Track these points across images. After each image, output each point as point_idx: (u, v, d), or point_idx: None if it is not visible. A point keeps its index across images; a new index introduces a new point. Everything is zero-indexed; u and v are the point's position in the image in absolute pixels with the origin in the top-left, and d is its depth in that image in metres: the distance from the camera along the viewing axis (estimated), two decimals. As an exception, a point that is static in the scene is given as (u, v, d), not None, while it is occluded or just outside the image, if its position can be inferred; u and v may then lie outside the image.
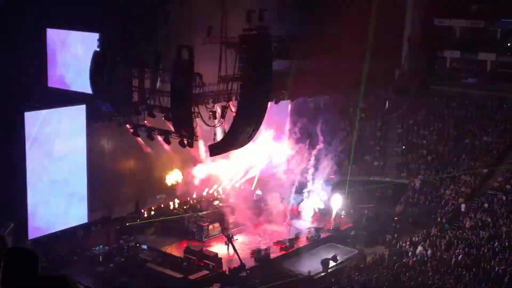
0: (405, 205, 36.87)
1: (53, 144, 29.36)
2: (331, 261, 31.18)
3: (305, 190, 36.65)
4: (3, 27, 28.33)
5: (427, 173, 38.33)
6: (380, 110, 39.72)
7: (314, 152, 37.14)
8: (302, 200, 36.48)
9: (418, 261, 29.40)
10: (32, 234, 29.14)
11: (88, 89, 29.68)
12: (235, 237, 31.51)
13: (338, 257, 31.61)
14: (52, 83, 31.06)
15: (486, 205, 34.12)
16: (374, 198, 37.70)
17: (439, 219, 34.24)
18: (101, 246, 30.22)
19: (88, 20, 29.25)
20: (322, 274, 30.27)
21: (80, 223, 31.44)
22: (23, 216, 28.61)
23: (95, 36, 29.40)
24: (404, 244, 31.51)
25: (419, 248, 30.51)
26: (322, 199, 36.61)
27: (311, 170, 36.93)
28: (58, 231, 30.54)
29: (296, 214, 36.16)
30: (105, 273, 28.49)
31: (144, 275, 28.61)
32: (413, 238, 31.89)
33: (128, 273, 28.73)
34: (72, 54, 30.85)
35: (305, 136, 37.61)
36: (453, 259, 29.02)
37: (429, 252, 30.04)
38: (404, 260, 29.65)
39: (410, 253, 30.40)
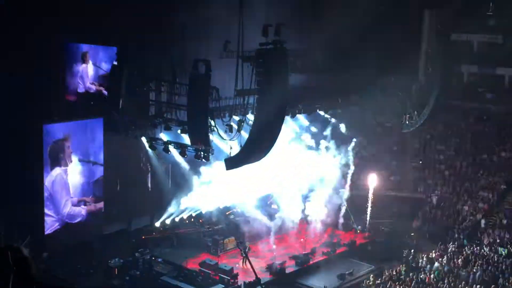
0: (422, 220, 36.58)
1: (71, 156, 29.56)
2: (347, 276, 30.96)
3: (310, 200, 36.22)
4: (23, 40, 28.70)
5: (444, 189, 38.04)
6: (396, 124, 39.53)
7: (326, 162, 37.01)
8: (310, 211, 36.18)
9: (435, 277, 29.08)
10: (49, 247, 29.30)
11: (106, 102, 29.96)
12: (248, 250, 31.15)
13: (354, 272, 31.37)
14: (71, 96, 31.38)
15: (504, 222, 33.73)
16: (391, 213, 37.45)
17: (456, 235, 33.92)
18: (116, 259, 30.25)
19: (106, 34, 29.59)
20: (338, 289, 30.06)
21: (96, 235, 31.59)
22: (40, 228, 28.77)
23: (113, 50, 29.73)
24: (421, 260, 31.22)
25: (436, 264, 30.20)
26: (330, 212, 36.44)
27: (321, 180, 36.73)
28: (75, 244, 30.68)
29: (306, 225, 35.91)
30: (121, 286, 28.50)
31: (159, 288, 28.63)
32: (430, 254, 31.58)
33: (143, 286, 28.73)
34: (90, 67, 31.19)
35: (317, 145, 37.53)
36: (471, 276, 28.66)
37: (446, 268, 29.72)
38: (421, 276, 29.35)
39: (427, 269, 30.10)
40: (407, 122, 37.90)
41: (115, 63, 29.25)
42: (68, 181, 29.60)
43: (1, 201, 27.77)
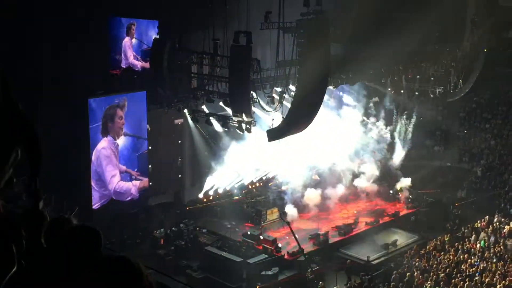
0: (467, 190, 36.10)
1: (115, 129, 30.11)
2: (390, 246, 30.89)
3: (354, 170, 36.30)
4: (67, 16, 29.12)
5: (490, 158, 37.36)
6: (441, 93, 38.84)
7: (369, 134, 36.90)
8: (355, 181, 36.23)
9: (481, 248, 28.78)
10: (96, 218, 30.05)
11: (148, 76, 30.31)
12: (287, 220, 31.26)
13: (397, 243, 31.28)
14: (115, 70, 31.82)
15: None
16: (435, 183, 37.06)
17: (502, 205, 33.38)
18: (162, 230, 30.87)
19: (148, 7, 29.80)
20: (381, 259, 30.02)
21: (142, 207, 32.25)
22: (87, 200, 29.52)
23: (155, 23, 29.94)
24: (466, 230, 30.89)
25: (482, 234, 29.85)
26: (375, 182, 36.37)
27: (365, 151, 36.61)
28: (121, 215, 31.39)
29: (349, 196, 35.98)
30: (166, 256, 29.12)
31: (204, 258, 29.10)
32: (475, 225, 31.22)
33: (188, 256, 29.29)
34: (133, 41, 31.53)
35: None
36: (517, 246, 28.28)
37: (492, 238, 29.35)
38: (466, 247, 29.08)
39: (472, 239, 29.79)
40: (451, 91, 37.19)
41: (157, 36, 29.48)
42: (115, 154, 30.21)
43: (51, 174, 28.52)
